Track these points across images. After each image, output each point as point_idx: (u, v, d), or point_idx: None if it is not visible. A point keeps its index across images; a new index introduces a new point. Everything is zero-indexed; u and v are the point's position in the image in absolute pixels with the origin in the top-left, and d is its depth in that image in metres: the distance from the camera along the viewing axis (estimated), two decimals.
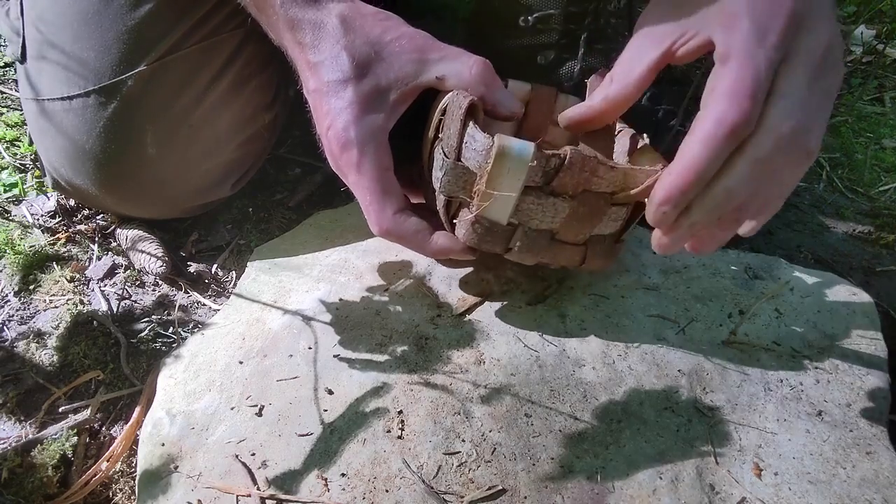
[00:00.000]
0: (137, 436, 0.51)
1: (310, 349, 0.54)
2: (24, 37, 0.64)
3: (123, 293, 0.64)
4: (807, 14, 0.39)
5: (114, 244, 0.70)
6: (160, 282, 0.66)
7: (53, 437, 0.51)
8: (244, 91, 0.66)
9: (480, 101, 0.50)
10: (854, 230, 0.82)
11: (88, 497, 0.49)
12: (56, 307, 0.61)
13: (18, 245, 0.66)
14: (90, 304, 0.63)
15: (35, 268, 0.65)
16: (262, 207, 0.76)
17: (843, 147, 0.98)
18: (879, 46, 1.17)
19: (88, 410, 0.53)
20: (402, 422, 0.48)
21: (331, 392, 0.50)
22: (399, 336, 0.54)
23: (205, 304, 0.65)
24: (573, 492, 0.45)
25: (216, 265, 0.69)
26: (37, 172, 0.77)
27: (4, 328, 0.59)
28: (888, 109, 1.09)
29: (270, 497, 0.44)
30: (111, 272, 0.66)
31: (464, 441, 0.47)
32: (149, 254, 0.65)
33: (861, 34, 1.18)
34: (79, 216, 0.72)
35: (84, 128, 0.60)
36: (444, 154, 0.49)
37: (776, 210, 0.43)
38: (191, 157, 0.64)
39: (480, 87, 0.50)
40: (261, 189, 0.77)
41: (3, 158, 0.78)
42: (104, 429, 0.54)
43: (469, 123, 0.47)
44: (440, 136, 0.50)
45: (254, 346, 0.55)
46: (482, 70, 0.50)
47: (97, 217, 0.72)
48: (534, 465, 0.46)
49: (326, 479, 0.45)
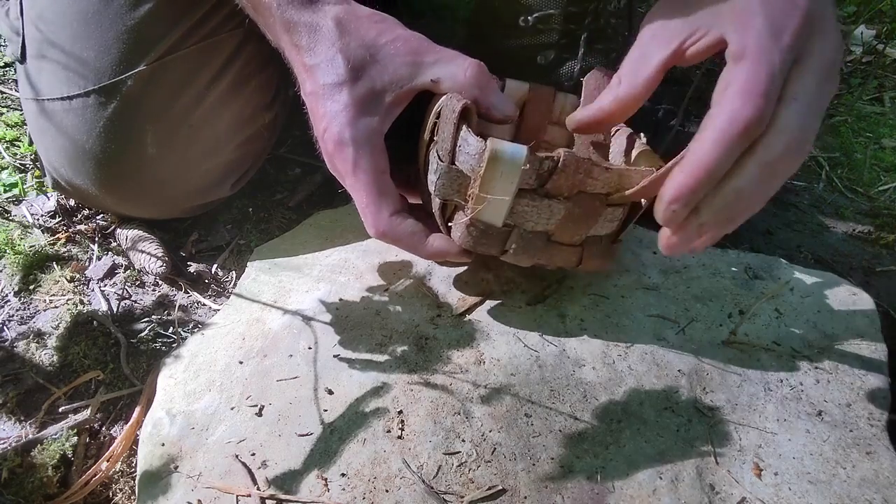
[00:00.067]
0: (137, 436, 0.51)
1: (310, 349, 0.54)
2: (24, 36, 0.64)
3: (123, 293, 0.64)
4: (819, 16, 0.39)
5: (114, 244, 0.70)
6: (160, 282, 0.66)
7: (53, 437, 0.51)
8: (244, 91, 0.66)
9: (474, 105, 0.50)
10: (854, 230, 0.82)
11: (88, 497, 0.49)
12: (56, 307, 0.61)
13: (18, 245, 0.66)
14: (90, 304, 0.63)
15: (35, 268, 0.65)
16: (262, 207, 0.76)
17: (843, 147, 0.98)
18: (879, 46, 1.17)
19: (88, 410, 0.53)
20: (402, 422, 0.48)
21: (331, 392, 0.50)
22: (399, 336, 0.54)
23: (205, 304, 0.65)
24: (573, 492, 0.45)
25: (216, 265, 0.69)
26: (37, 172, 0.77)
27: (4, 328, 0.59)
28: (888, 109, 1.09)
29: (270, 497, 0.44)
30: (111, 272, 0.66)
31: (464, 441, 0.47)
32: (149, 254, 0.65)
33: (861, 34, 1.18)
34: (79, 216, 0.72)
35: (84, 128, 0.60)
36: (439, 157, 0.49)
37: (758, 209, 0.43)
38: (191, 157, 0.64)
39: (475, 91, 0.49)
40: (261, 189, 0.77)
41: (3, 158, 0.78)
42: (104, 429, 0.54)
43: (462, 127, 0.47)
44: (435, 139, 0.50)
45: (254, 346, 0.55)
46: (477, 73, 0.50)
47: (97, 217, 0.72)
48: (534, 465, 0.46)
49: (326, 479, 0.45)
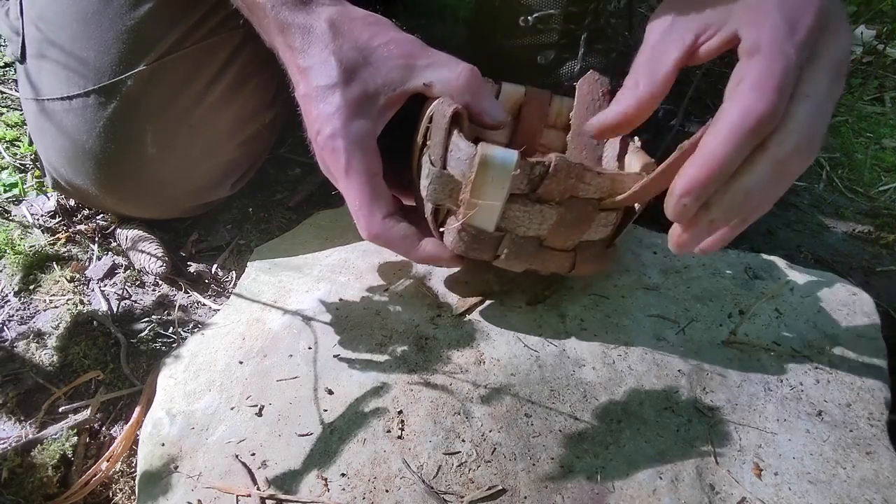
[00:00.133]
0: (137, 436, 0.51)
1: (310, 349, 0.54)
2: (24, 36, 0.64)
3: (123, 293, 0.64)
4: (832, 13, 0.38)
5: (114, 244, 0.70)
6: (160, 282, 0.66)
7: (53, 437, 0.51)
8: (244, 91, 0.66)
9: (466, 110, 0.49)
10: (854, 230, 0.82)
11: (88, 497, 0.49)
12: (56, 307, 0.61)
13: (18, 245, 0.66)
14: (90, 304, 0.63)
15: (35, 268, 0.65)
16: (262, 207, 0.76)
17: (843, 147, 0.98)
18: (879, 46, 1.17)
19: (88, 410, 0.53)
20: (402, 422, 0.48)
21: (331, 392, 0.50)
22: (399, 336, 0.54)
23: (205, 304, 0.65)
24: (573, 492, 0.45)
25: (216, 265, 0.69)
26: (37, 172, 0.77)
27: (4, 328, 0.59)
28: (888, 109, 1.09)
29: (270, 497, 0.44)
30: (111, 272, 0.66)
31: (464, 441, 0.47)
32: (149, 254, 0.65)
33: (861, 34, 1.18)
34: (79, 216, 0.72)
35: (84, 127, 0.60)
36: (431, 162, 0.49)
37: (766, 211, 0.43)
38: (191, 157, 0.64)
39: (467, 96, 0.49)
40: (261, 189, 0.77)
41: (3, 158, 0.78)
42: (104, 429, 0.54)
43: (453, 132, 0.47)
44: (428, 144, 0.50)
45: (254, 346, 0.55)
46: (469, 78, 0.49)
47: (97, 217, 0.72)
48: (534, 465, 0.46)
49: (326, 479, 0.45)
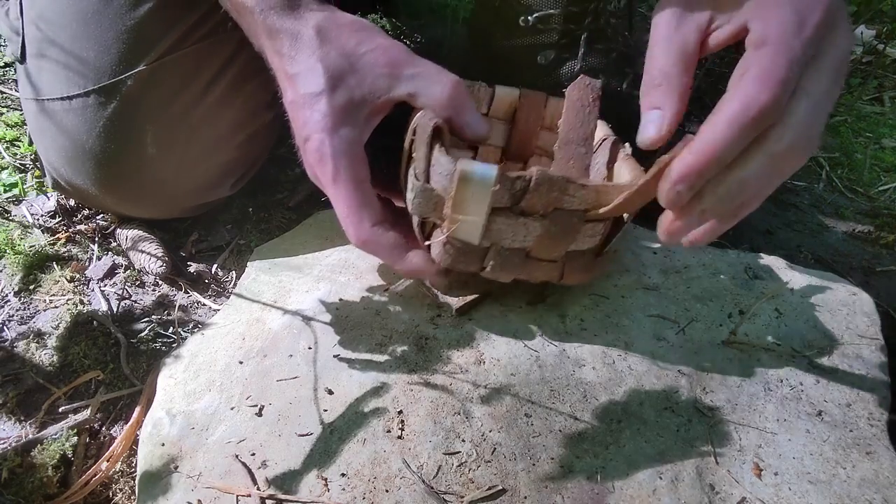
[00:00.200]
0: (137, 436, 0.51)
1: (310, 349, 0.54)
2: (24, 36, 0.64)
3: (123, 293, 0.64)
4: (838, 13, 0.39)
5: (114, 244, 0.70)
6: (160, 282, 0.66)
7: (53, 437, 0.51)
8: (244, 90, 0.66)
9: (448, 123, 0.49)
10: (854, 230, 0.82)
11: (88, 497, 0.49)
12: (56, 307, 0.61)
13: (18, 245, 0.66)
14: (90, 304, 0.63)
15: (35, 268, 0.65)
16: (262, 207, 0.76)
17: (843, 147, 0.98)
18: (879, 46, 1.17)
19: (88, 410, 0.53)
20: (402, 422, 0.48)
21: (331, 392, 0.50)
22: (399, 336, 0.54)
23: (205, 304, 0.65)
24: (573, 492, 0.45)
25: (216, 265, 0.69)
26: (37, 172, 0.77)
27: (4, 328, 0.59)
28: (888, 109, 1.09)
29: (270, 497, 0.44)
30: (111, 272, 0.66)
31: (464, 441, 0.47)
32: (149, 254, 0.65)
33: (861, 34, 1.18)
34: (79, 216, 0.72)
35: (84, 127, 0.60)
36: (415, 176, 0.49)
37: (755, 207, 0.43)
38: (191, 157, 0.64)
39: (449, 110, 0.49)
40: (261, 189, 0.77)
41: (3, 158, 0.78)
42: (104, 429, 0.54)
43: (435, 147, 0.47)
44: (413, 156, 0.50)
45: (254, 346, 0.55)
46: (452, 92, 0.49)
47: (97, 217, 0.72)
48: (534, 465, 0.46)
49: (326, 479, 0.45)
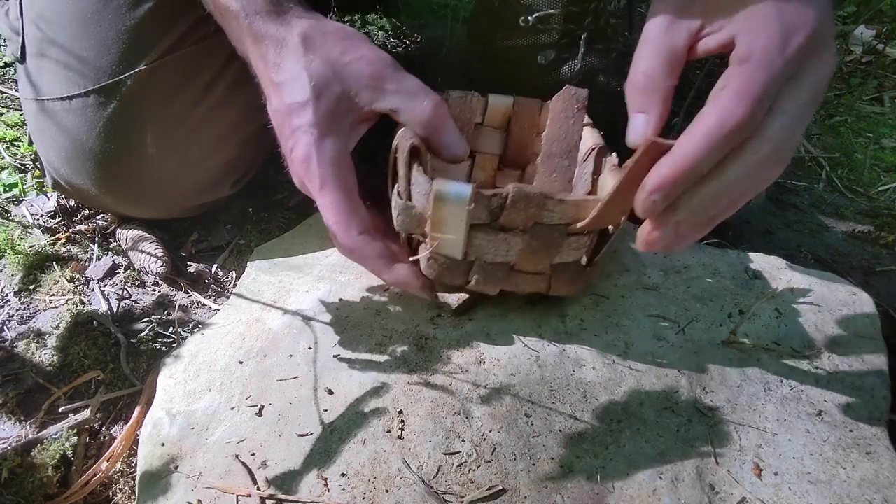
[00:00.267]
0: (137, 436, 0.51)
1: (310, 349, 0.54)
2: (24, 36, 0.64)
3: (123, 293, 0.64)
4: (823, 35, 0.39)
5: (114, 244, 0.70)
6: (160, 282, 0.66)
7: (53, 437, 0.51)
8: (244, 90, 0.66)
9: (426, 143, 0.50)
10: (854, 230, 0.82)
11: (88, 497, 0.49)
12: (56, 307, 0.61)
13: (18, 245, 0.66)
14: (90, 304, 0.63)
15: (35, 268, 0.65)
16: (262, 207, 0.76)
17: (843, 147, 0.98)
18: (879, 46, 1.17)
19: (88, 410, 0.53)
20: (402, 422, 0.48)
21: (331, 392, 0.50)
22: (399, 336, 0.54)
23: (205, 304, 0.65)
24: (573, 492, 0.45)
25: (216, 265, 0.69)
26: (37, 172, 0.77)
27: (4, 328, 0.59)
28: (888, 109, 1.09)
29: (270, 497, 0.44)
30: (111, 272, 0.66)
31: (464, 441, 0.47)
32: (149, 254, 0.65)
33: (861, 34, 1.18)
34: (79, 216, 0.72)
35: (84, 127, 0.60)
36: (398, 194, 0.49)
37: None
38: (191, 157, 0.64)
39: (428, 130, 0.49)
40: (261, 189, 0.77)
41: (3, 158, 0.78)
42: (104, 429, 0.54)
43: (413, 166, 0.47)
44: (397, 174, 0.50)
45: (254, 346, 0.55)
46: (432, 113, 0.49)
47: (97, 217, 0.72)
48: (534, 465, 0.46)
49: (326, 479, 0.45)
